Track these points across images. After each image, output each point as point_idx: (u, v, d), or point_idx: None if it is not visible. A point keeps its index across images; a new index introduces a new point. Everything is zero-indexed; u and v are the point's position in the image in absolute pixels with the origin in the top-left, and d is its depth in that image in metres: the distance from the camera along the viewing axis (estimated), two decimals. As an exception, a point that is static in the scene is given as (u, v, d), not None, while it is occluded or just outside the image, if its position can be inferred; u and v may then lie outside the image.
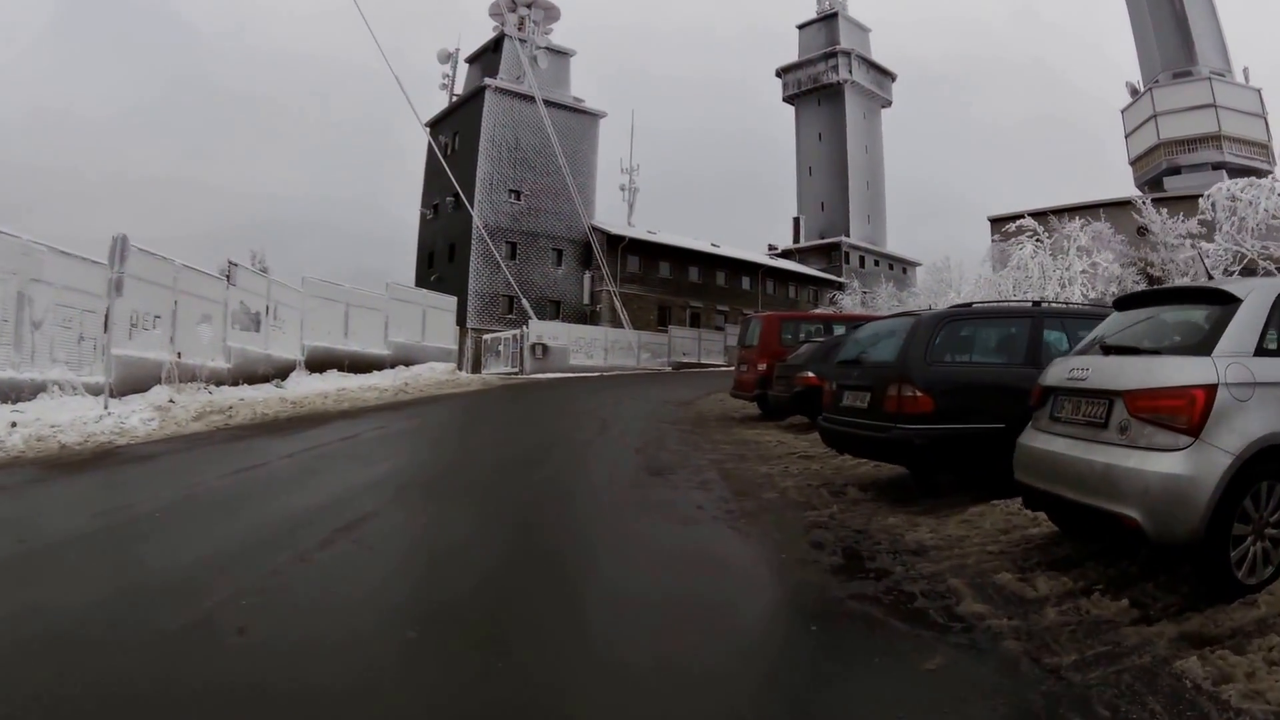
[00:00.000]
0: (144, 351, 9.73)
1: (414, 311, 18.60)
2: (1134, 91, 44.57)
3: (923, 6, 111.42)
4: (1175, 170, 40.97)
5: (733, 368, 30.86)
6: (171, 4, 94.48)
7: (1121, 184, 42.50)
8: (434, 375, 16.88)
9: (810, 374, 9.63)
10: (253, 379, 12.08)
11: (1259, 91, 41.93)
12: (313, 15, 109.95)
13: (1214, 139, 40.75)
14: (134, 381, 9.45)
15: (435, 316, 19.45)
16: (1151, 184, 39.26)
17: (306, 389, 12.34)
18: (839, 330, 13.07)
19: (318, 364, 14.52)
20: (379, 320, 17.06)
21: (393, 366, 16.70)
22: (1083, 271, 22.17)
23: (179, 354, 10.33)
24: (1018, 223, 29.09)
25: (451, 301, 20.85)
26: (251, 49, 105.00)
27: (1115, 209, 30.60)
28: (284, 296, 13.96)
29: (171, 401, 8.66)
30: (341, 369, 15.03)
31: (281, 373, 13.14)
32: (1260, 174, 38.99)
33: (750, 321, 13.94)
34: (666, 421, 10.96)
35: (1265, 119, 41.54)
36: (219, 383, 11.07)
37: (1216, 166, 39.91)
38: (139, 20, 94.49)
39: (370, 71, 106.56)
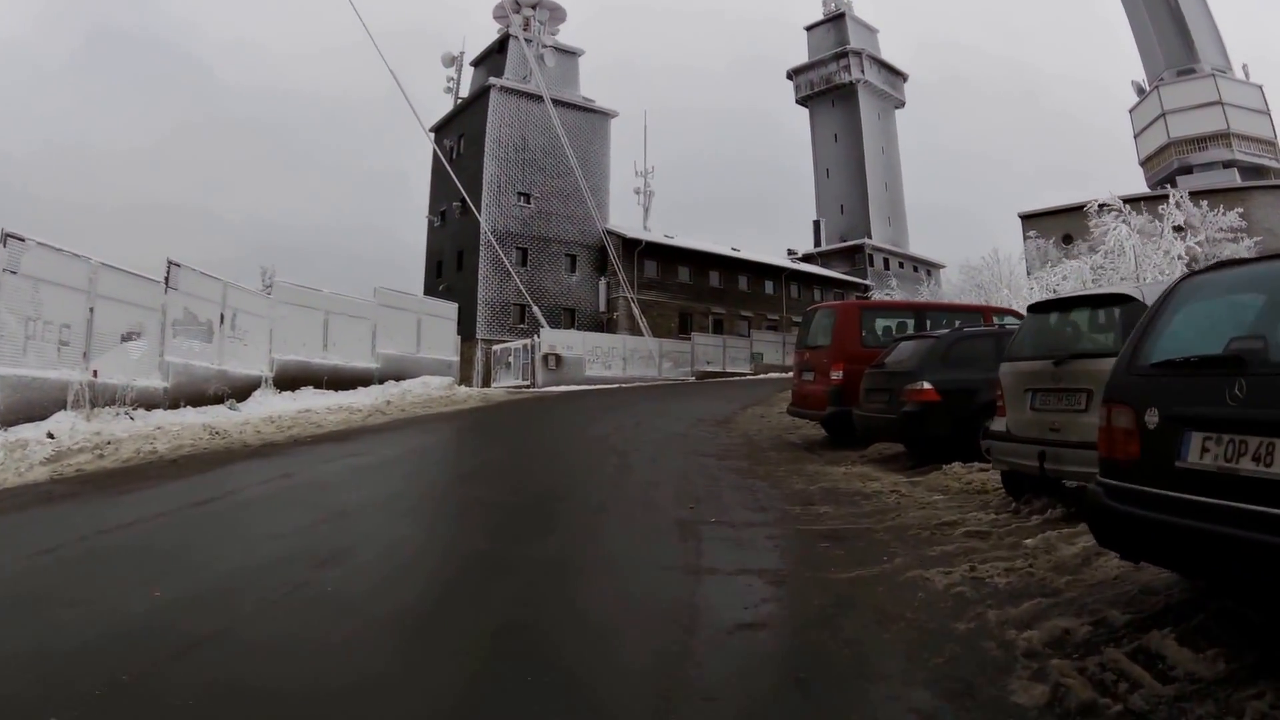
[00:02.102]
0: (42, 370, 7.79)
1: (407, 320, 16.59)
2: (1140, 90, 42.96)
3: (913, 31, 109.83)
4: (1187, 169, 39.19)
5: (757, 376, 28.99)
6: (185, 44, 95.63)
7: (1122, 188, 40.31)
8: (426, 391, 14.87)
9: (926, 385, 6.91)
10: (200, 400, 10.11)
11: (1260, 88, 40.56)
12: (324, 52, 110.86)
13: (1223, 137, 39.21)
14: (28, 407, 7.49)
15: (433, 325, 17.41)
16: (1164, 184, 37.75)
17: (264, 410, 10.36)
18: (928, 322, 9.64)
19: (289, 380, 12.54)
20: (365, 330, 15.06)
21: (381, 382, 14.70)
22: (1179, 257, 19.95)
23: (94, 372, 8.38)
24: (1099, 203, 26.73)
25: (452, 309, 18.80)
26: (263, 86, 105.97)
27: (1146, 205, 28.46)
28: (247, 303, 12.00)
29: (50, 435, 6.68)
30: (319, 386, 13.05)
31: (240, 392, 11.17)
32: (1271, 172, 37.39)
33: (815, 314, 10.22)
34: (709, 454, 8.17)
35: (1270, 115, 40.27)
36: (151, 405, 9.09)
37: (1228, 165, 38.49)
38: (151, 59, 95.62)
39: (381, 103, 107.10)
